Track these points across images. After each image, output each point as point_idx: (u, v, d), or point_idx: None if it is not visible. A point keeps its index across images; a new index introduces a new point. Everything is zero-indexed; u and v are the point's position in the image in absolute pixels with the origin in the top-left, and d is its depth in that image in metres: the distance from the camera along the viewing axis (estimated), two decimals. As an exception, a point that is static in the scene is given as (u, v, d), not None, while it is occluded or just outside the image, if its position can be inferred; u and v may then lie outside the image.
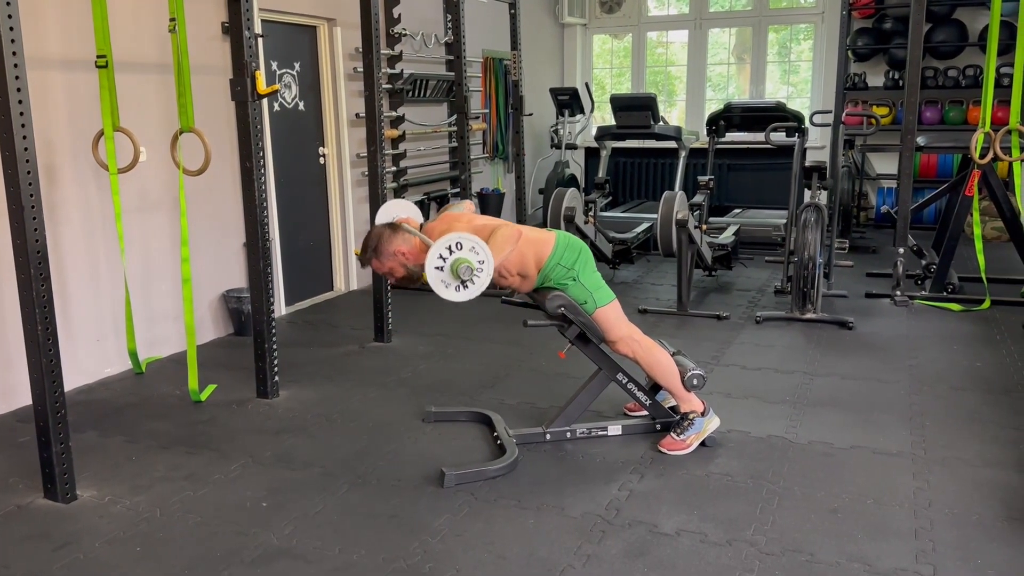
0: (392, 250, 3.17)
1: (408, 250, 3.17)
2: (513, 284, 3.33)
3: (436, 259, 2.88)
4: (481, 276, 2.89)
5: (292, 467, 3.25)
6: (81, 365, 4.20)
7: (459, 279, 2.87)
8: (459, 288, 2.89)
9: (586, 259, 3.30)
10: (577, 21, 9.40)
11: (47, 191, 3.98)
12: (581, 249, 3.31)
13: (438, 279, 2.89)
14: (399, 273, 3.21)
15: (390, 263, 3.18)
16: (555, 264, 3.24)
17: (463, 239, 2.88)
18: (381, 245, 3.18)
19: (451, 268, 2.86)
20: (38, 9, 3.87)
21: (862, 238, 7.80)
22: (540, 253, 3.26)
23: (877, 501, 2.91)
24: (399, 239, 3.18)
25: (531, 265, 3.26)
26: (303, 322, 5.40)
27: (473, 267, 2.87)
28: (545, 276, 3.26)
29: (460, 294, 2.90)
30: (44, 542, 2.69)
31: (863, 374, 4.22)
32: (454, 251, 2.87)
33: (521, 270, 3.27)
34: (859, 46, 8.17)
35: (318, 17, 5.77)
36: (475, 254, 2.88)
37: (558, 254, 3.25)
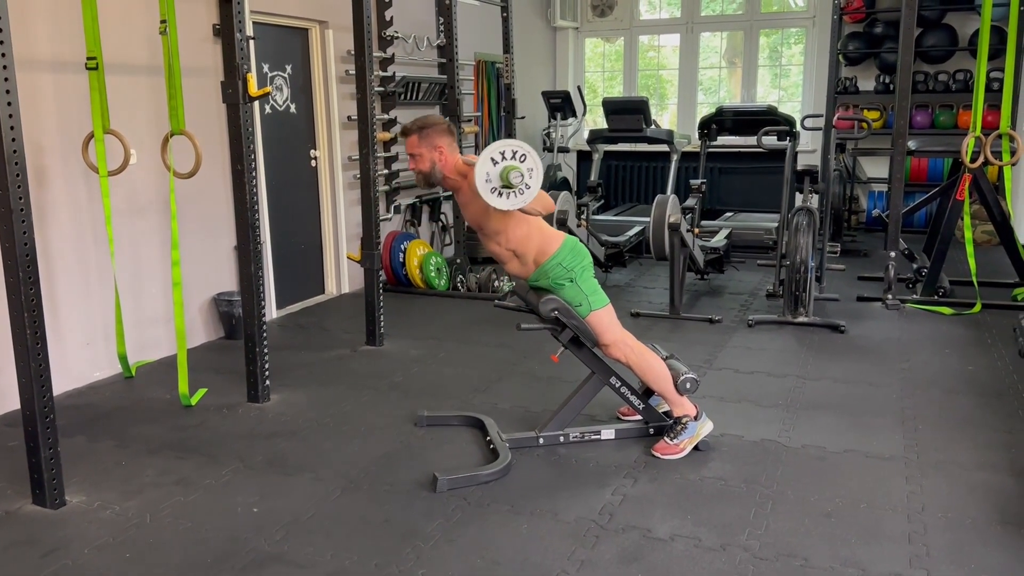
0: (437, 142, 3.16)
1: (448, 156, 3.17)
2: (503, 256, 3.29)
3: (496, 153, 2.86)
4: (523, 194, 2.87)
5: (284, 472, 3.22)
6: (70, 369, 4.17)
7: (504, 183, 2.85)
8: (498, 192, 2.87)
9: (586, 266, 3.29)
10: (569, 24, 9.40)
11: (36, 193, 3.94)
12: (585, 255, 3.30)
13: (484, 171, 2.86)
14: (424, 165, 3.19)
15: (424, 149, 3.16)
16: (556, 263, 3.23)
17: (529, 152, 2.87)
18: (432, 130, 3.17)
19: (504, 170, 2.84)
20: (27, 10, 3.85)
21: (853, 242, 7.82)
22: (545, 246, 3.23)
23: (871, 505, 2.91)
24: (448, 140, 3.18)
25: (531, 251, 3.23)
26: (294, 325, 5.37)
27: (523, 177, 2.85)
28: (543, 272, 3.24)
29: (495, 197, 2.88)
30: (32, 549, 2.66)
31: (855, 378, 4.23)
32: (514, 159, 2.86)
33: (519, 248, 3.23)
34: (850, 50, 8.20)
35: (310, 19, 5.75)
36: (530, 173, 2.86)
37: (561, 255, 3.24)
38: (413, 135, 3.18)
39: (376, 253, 4.68)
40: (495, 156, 2.87)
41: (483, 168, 2.88)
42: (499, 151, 2.88)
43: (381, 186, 6.35)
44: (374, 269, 4.69)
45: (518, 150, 2.88)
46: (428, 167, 3.19)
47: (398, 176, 6.53)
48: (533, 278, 3.28)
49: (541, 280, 3.26)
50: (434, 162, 3.18)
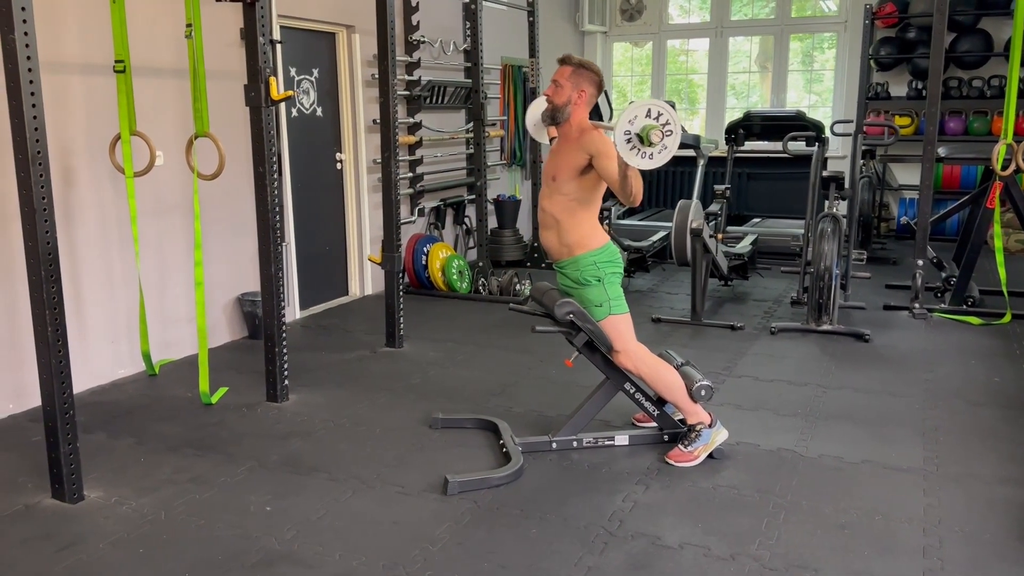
0: (583, 86, 3.18)
1: (584, 104, 3.18)
2: (547, 220, 3.27)
3: (641, 110, 2.81)
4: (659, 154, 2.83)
5: (298, 472, 3.25)
6: (95, 366, 4.24)
7: (655, 145, 2.80)
8: (636, 149, 2.83)
9: (617, 272, 3.29)
10: (597, 29, 9.39)
11: (64, 193, 4.03)
12: (618, 264, 3.31)
13: (626, 123, 2.81)
14: (561, 98, 3.18)
15: (570, 84, 3.17)
16: (592, 260, 3.22)
17: (661, 108, 2.82)
18: (588, 73, 3.19)
19: (645, 132, 2.79)
20: (57, 14, 3.93)
21: (883, 249, 7.72)
22: (588, 239, 3.23)
23: (886, 517, 2.87)
24: (593, 92, 3.21)
25: (574, 232, 3.22)
26: (316, 326, 5.42)
27: (663, 135, 2.80)
28: (576, 263, 3.24)
29: (628, 150, 2.83)
30: (48, 542, 2.71)
31: (877, 387, 4.17)
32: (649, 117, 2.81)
33: (567, 221, 3.22)
34: (882, 55, 8.09)
35: (337, 24, 5.80)
36: (670, 134, 2.82)
37: (600, 255, 3.24)
38: (569, 67, 3.19)
39: (396, 255, 4.71)
40: (639, 113, 2.82)
41: (625, 121, 2.82)
42: (644, 109, 2.82)
43: (405, 189, 6.39)
44: (394, 271, 4.72)
45: (662, 112, 2.82)
46: (563, 101, 3.18)
47: (423, 179, 6.57)
48: (562, 264, 3.28)
49: (569, 269, 3.26)
50: (571, 100, 3.17)
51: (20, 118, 2.68)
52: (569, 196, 3.22)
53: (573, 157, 3.16)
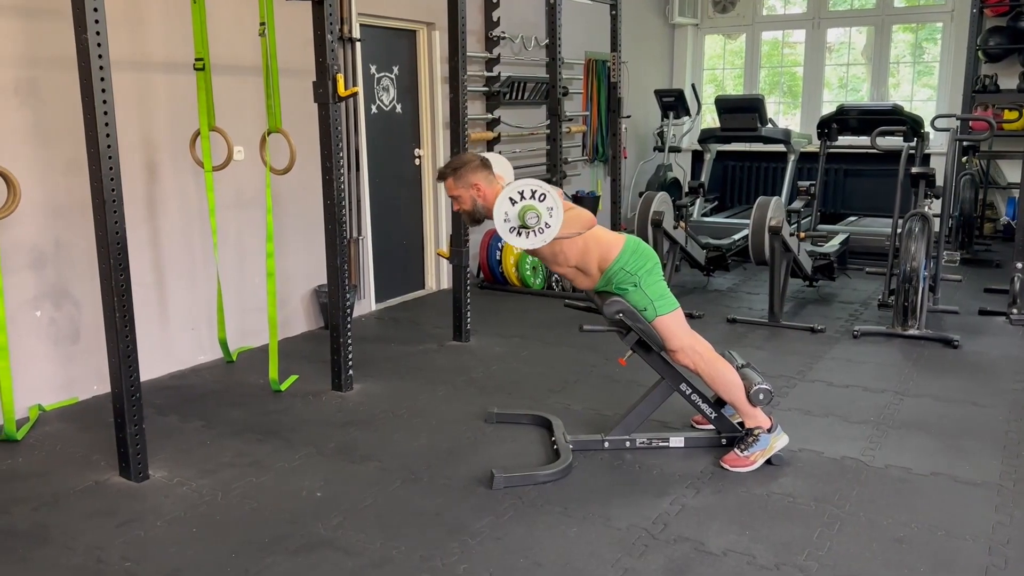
0: (472, 180, 3.17)
1: (486, 190, 3.16)
2: (567, 274, 3.29)
3: (514, 193, 2.85)
4: (541, 235, 2.86)
5: (351, 460, 3.32)
6: (176, 352, 4.45)
7: (522, 223, 2.84)
8: (516, 232, 2.87)
9: (652, 267, 3.22)
10: (688, 21, 9.21)
11: (148, 186, 4.23)
12: (649, 257, 3.23)
13: (503, 211, 2.86)
14: (466, 205, 3.21)
15: (462, 190, 3.18)
16: (619, 268, 3.18)
17: (549, 193, 2.85)
18: (465, 169, 3.19)
19: (521, 210, 2.84)
20: (143, 15, 4.12)
21: (987, 251, 7.29)
22: (606, 254, 3.20)
23: (949, 533, 2.71)
24: (483, 175, 3.19)
25: (593, 263, 3.21)
26: (389, 319, 5.52)
27: (540, 219, 2.83)
28: (608, 279, 3.21)
29: (513, 237, 2.88)
30: (110, 518, 2.86)
31: (960, 396, 3.94)
32: (532, 199, 2.84)
33: (580, 263, 3.23)
34: (991, 46, 7.63)
35: (417, 21, 5.88)
36: (549, 213, 2.84)
37: (624, 258, 3.19)
38: (448, 179, 3.20)
39: (464, 250, 4.74)
40: (513, 196, 2.86)
41: (501, 209, 2.88)
42: (517, 191, 2.85)
43: (483, 184, 6.41)
44: (462, 266, 4.76)
45: (537, 190, 2.84)
46: (470, 206, 3.19)
47: (500, 175, 6.58)
48: (599, 285, 3.25)
49: (606, 286, 3.23)
50: (474, 199, 3.17)
51: (92, 114, 2.82)
52: (559, 253, 3.22)
53: None
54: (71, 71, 2.88)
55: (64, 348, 3.92)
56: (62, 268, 3.87)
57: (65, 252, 3.87)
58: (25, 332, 3.76)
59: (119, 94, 3.89)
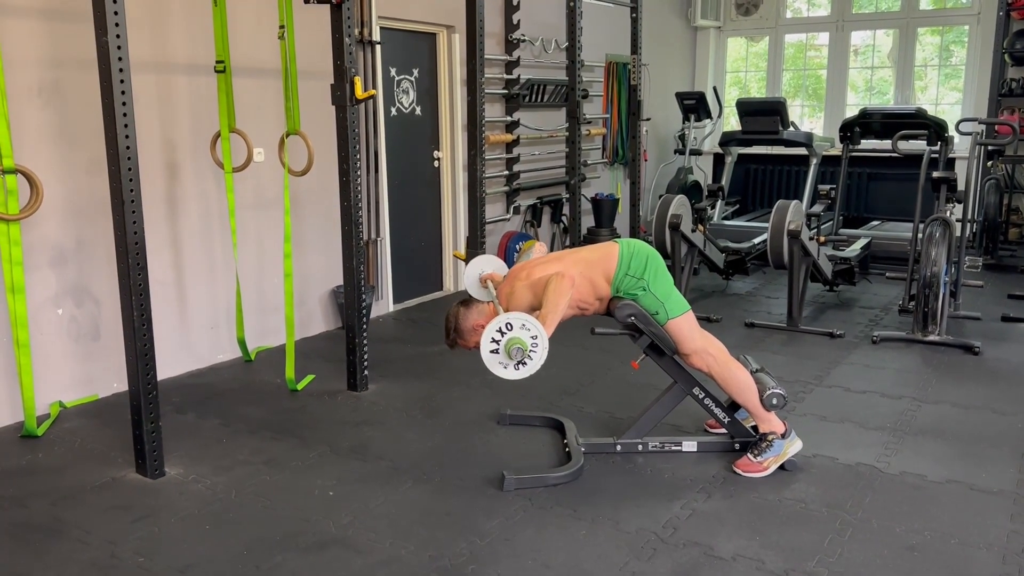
0: (470, 326, 3.20)
1: (485, 320, 3.13)
2: (595, 309, 3.28)
3: (490, 343, 2.84)
4: (536, 352, 2.84)
5: (364, 459, 3.35)
6: (195, 350, 4.50)
7: (514, 359, 2.83)
8: (518, 366, 2.86)
9: (655, 266, 3.21)
10: (711, 24, 9.17)
11: (169, 187, 4.29)
12: (648, 255, 3.22)
13: (495, 362, 2.86)
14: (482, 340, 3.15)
15: (474, 338, 3.17)
16: (623, 275, 3.18)
17: (512, 319, 2.82)
18: (460, 324, 3.22)
19: (505, 350, 2.83)
20: (165, 17, 4.17)
21: (1012, 256, 7.19)
22: (607, 269, 3.20)
23: (963, 542, 2.68)
24: (474, 313, 3.22)
25: (603, 285, 3.21)
26: (407, 319, 5.55)
27: (526, 347, 2.81)
28: (616, 287, 3.21)
29: (520, 372, 2.87)
30: (126, 513, 2.90)
31: (978, 403, 3.90)
32: (505, 332, 2.82)
33: (597, 295, 3.23)
34: (1017, 49, 7.52)
35: (438, 24, 5.91)
36: (526, 331, 2.82)
37: (624, 264, 3.18)
38: (459, 342, 3.23)
39: (480, 252, 4.75)
40: (491, 347, 2.83)
41: (492, 362, 2.86)
42: (489, 340, 2.83)
43: (501, 187, 6.44)
44: (478, 268, 4.76)
45: (500, 324, 2.81)
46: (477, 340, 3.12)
47: (519, 177, 6.60)
48: (611, 293, 3.25)
49: (617, 294, 3.22)
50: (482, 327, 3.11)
51: (111, 115, 2.87)
52: (585, 305, 3.23)
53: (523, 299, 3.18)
54: (93, 72, 2.93)
55: (85, 346, 3.98)
56: (83, 267, 3.94)
57: (86, 251, 3.93)
58: (47, 330, 3.83)
59: (141, 95, 3.96)
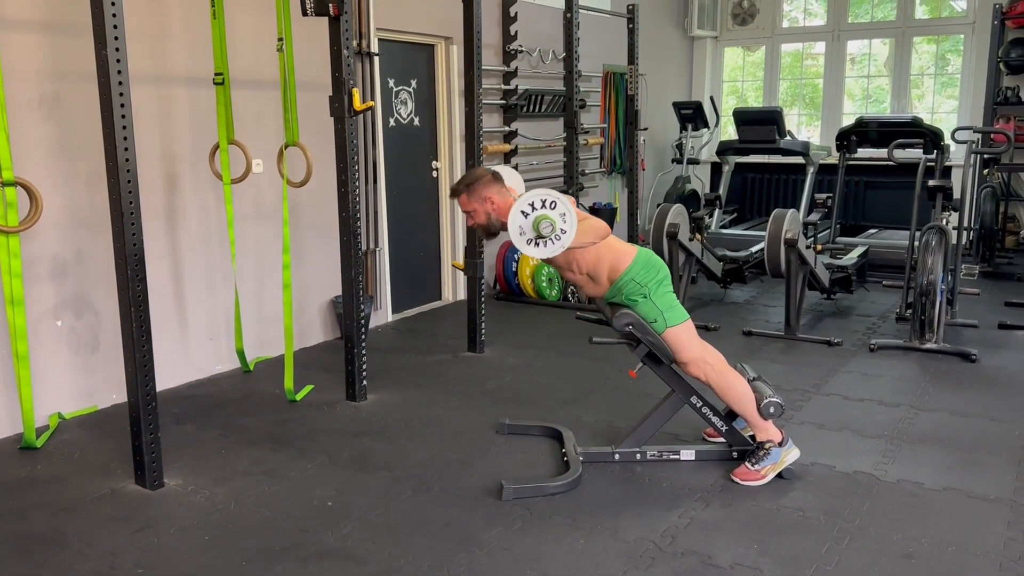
0: (485, 194, 3.20)
1: (499, 203, 3.19)
2: (579, 281, 3.31)
3: (526, 205, 2.88)
4: (558, 242, 2.89)
5: (363, 469, 3.35)
6: (194, 361, 4.51)
7: (537, 233, 2.85)
8: (532, 243, 2.88)
9: (662, 279, 3.23)
10: (707, 34, 9.21)
11: (168, 199, 4.31)
12: (660, 269, 3.24)
13: (517, 224, 2.89)
14: (480, 219, 3.24)
15: (476, 204, 3.21)
16: (629, 279, 3.20)
17: (560, 200, 2.87)
18: (477, 184, 3.22)
19: (534, 221, 2.86)
20: (165, 30, 4.20)
21: (1009, 264, 7.22)
22: (617, 263, 3.21)
23: (960, 549, 2.69)
24: (496, 188, 3.22)
25: (603, 271, 3.22)
26: (406, 329, 5.56)
27: (555, 228, 2.85)
28: (618, 289, 3.22)
29: (530, 248, 2.90)
30: (126, 524, 2.90)
31: (976, 411, 3.91)
32: (543, 208, 2.86)
33: (592, 271, 3.24)
34: (1012, 58, 7.57)
35: (436, 36, 5.94)
36: (563, 220, 2.86)
37: (634, 270, 3.20)
38: (462, 195, 3.25)
39: (479, 262, 4.78)
40: (525, 208, 2.88)
41: (515, 222, 2.91)
42: (528, 203, 2.88)
43: (500, 196, 6.45)
44: (476, 277, 4.79)
45: (547, 198, 2.87)
46: (484, 220, 3.23)
47: (517, 187, 6.62)
48: (608, 295, 3.26)
49: (616, 297, 3.24)
50: (488, 213, 3.21)
51: (110, 128, 2.89)
52: (573, 261, 3.23)
53: None
54: (93, 85, 2.95)
55: (84, 357, 3.99)
56: (83, 278, 3.95)
57: (86, 262, 3.95)
58: (46, 341, 3.84)
59: (140, 107, 3.99)
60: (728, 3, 9.27)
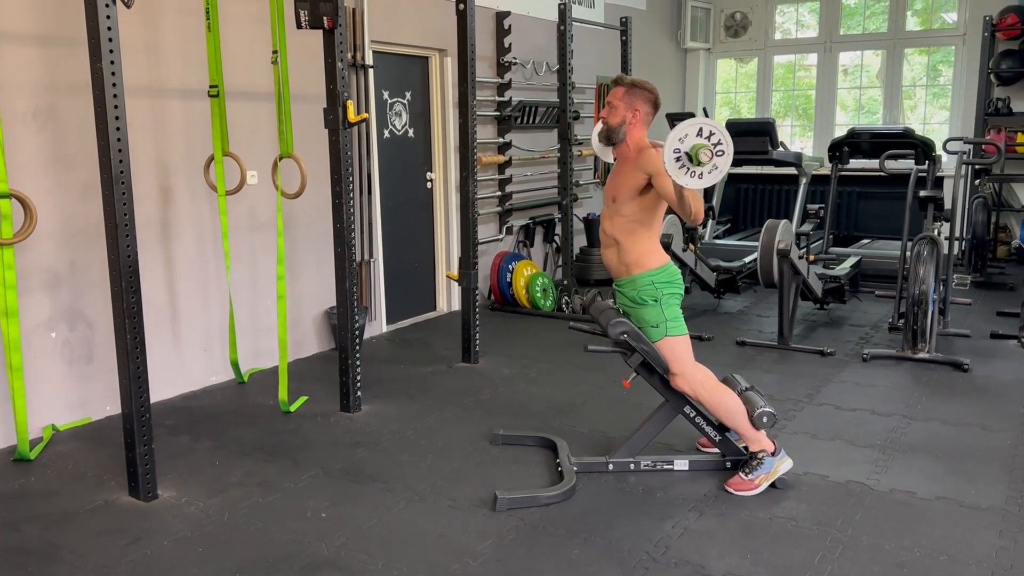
0: (637, 105, 3.16)
1: (639, 123, 3.16)
2: (608, 239, 3.25)
3: (691, 128, 2.71)
4: (710, 173, 2.72)
5: (357, 480, 3.35)
6: (189, 373, 4.50)
7: (695, 161, 2.69)
8: (686, 169, 2.72)
9: (675, 293, 3.23)
10: (700, 46, 9.27)
11: (163, 210, 4.31)
12: (677, 285, 3.24)
13: (676, 141, 2.72)
14: (615, 119, 3.18)
15: (623, 104, 3.16)
16: (649, 280, 3.18)
17: (722, 135, 2.71)
18: (640, 92, 3.17)
19: (693, 148, 2.69)
20: (160, 43, 4.22)
21: (1000, 274, 7.25)
22: (646, 258, 3.19)
23: (952, 558, 2.70)
24: (648, 110, 3.18)
25: (633, 251, 3.19)
26: (400, 340, 5.56)
27: (712, 154, 2.70)
28: (633, 282, 3.20)
29: (681, 172, 2.73)
30: (119, 536, 2.90)
31: (968, 420, 3.93)
32: (705, 139, 2.71)
33: (626, 240, 3.19)
34: (1003, 69, 7.63)
35: (430, 48, 5.97)
36: (720, 152, 2.70)
37: (659, 274, 3.19)
38: (622, 87, 3.20)
39: (473, 272, 4.79)
40: (689, 131, 2.74)
41: (675, 139, 2.73)
42: (696, 127, 2.73)
43: (494, 207, 6.48)
44: (471, 288, 4.80)
45: (713, 131, 2.73)
46: (618, 122, 3.17)
47: (511, 198, 6.65)
48: (621, 282, 3.26)
49: (628, 288, 3.23)
50: (625, 120, 3.16)
51: (105, 140, 2.90)
52: (629, 217, 3.20)
53: (632, 177, 3.15)
54: (88, 97, 2.96)
55: (78, 369, 3.99)
56: (77, 290, 3.95)
57: (80, 274, 3.95)
58: (40, 353, 3.84)
59: (135, 120, 4.00)
60: (721, 15, 9.33)
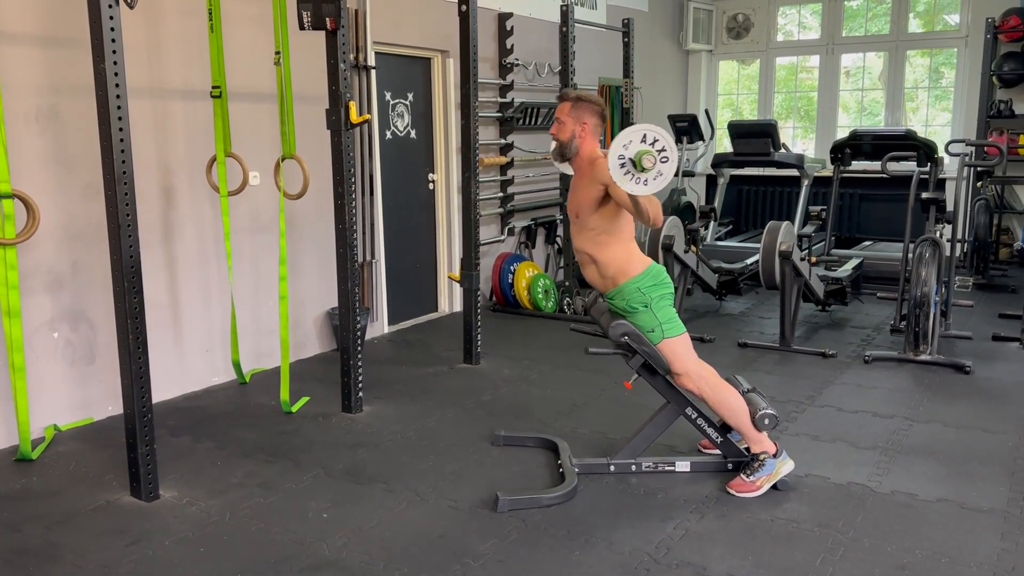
0: (584, 118, 3.18)
1: (589, 136, 3.18)
2: (583, 257, 3.26)
3: (635, 134, 2.76)
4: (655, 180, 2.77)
5: (359, 481, 3.35)
6: (190, 373, 4.51)
7: (639, 167, 2.75)
8: (631, 176, 2.77)
9: (665, 294, 3.23)
10: (702, 47, 9.27)
11: (165, 211, 4.32)
12: (665, 286, 3.24)
13: (619, 150, 2.78)
14: (564, 134, 3.20)
15: (571, 119, 3.18)
16: (635, 288, 3.19)
17: (664, 140, 2.77)
18: (586, 105, 3.19)
19: (638, 153, 2.75)
20: (163, 43, 4.22)
21: (1003, 276, 7.25)
22: (628, 267, 3.19)
23: (953, 560, 2.70)
24: (596, 121, 3.20)
25: (612, 264, 3.19)
26: (402, 341, 5.56)
27: (656, 160, 2.75)
28: (620, 293, 3.21)
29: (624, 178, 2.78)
30: (120, 537, 2.90)
31: (969, 422, 3.92)
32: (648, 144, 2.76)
33: (602, 256, 3.20)
34: (1005, 71, 7.63)
35: (432, 49, 5.98)
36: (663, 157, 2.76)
37: (643, 279, 3.19)
38: (568, 102, 3.21)
39: (475, 274, 4.79)
40: (633, 138, 2.79)
41: (619, 146, 2.79)
42: (640, 134, 2.78)
43: (495, 208, 6.48)
44: (472, 289, 4.80)
45: (657, 138, 2.78)
46: (567, 137, 3.20)
47: (513, 199, 6.65)
48: (610, 295, 3.26)
49: (617, 300, 3.23)
50: (575, 135, 3.18)
51: (108, 140, 2.91)
52: (596, 230, 3.20)
53: (590, 190, 3.14)
54: (90, 98, 2.97)
55: (80, 369, 3.99)
56: (79, 290, 3.95)
57: (82, 275, 3.95)
58: (42, 353, 3.84)
59: (137, 120, 4.01)
60: (723, 17, 9.33)
